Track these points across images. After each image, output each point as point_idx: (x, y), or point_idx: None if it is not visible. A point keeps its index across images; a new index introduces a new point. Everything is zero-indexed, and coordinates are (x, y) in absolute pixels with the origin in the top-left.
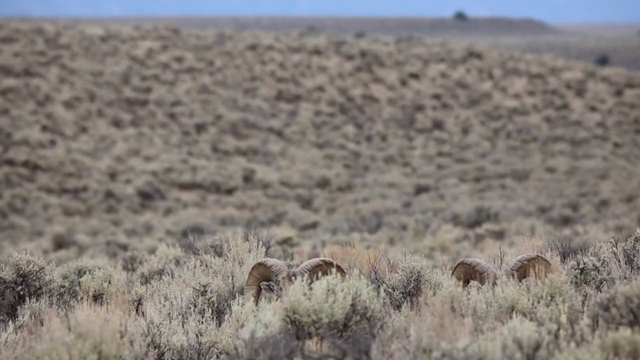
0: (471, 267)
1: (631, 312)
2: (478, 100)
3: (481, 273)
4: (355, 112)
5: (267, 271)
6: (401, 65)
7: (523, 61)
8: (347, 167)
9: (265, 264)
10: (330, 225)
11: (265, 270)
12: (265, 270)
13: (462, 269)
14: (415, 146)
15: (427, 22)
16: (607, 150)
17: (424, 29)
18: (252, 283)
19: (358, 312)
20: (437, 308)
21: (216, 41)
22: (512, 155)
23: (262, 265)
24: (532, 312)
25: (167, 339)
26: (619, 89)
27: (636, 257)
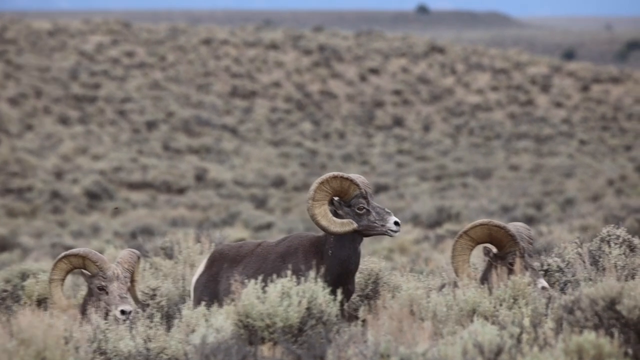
0: (508, 233)
1: (596, 315)
2: (440, 96)
3: (517, 242)
4: (312, 108)
5: (346, 185)
6: (360, 60)
7: (487, 56)
8: (304, 165)
9: (344, 177)
10: (285, 226)
11: (342, 184)
12: (342, 184)
13: (485, 231)
14: (375, 144)
15: (388, 15)
16: (573, 148)
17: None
18: (321, 198)
19: (314, 316)
20: (395, 311)
21: (168, 35)
22: (474, 153)
23: (338, 179)
24: (494, 316)
25: (114, 345)
26: (585, 84)
27: (602, 258)
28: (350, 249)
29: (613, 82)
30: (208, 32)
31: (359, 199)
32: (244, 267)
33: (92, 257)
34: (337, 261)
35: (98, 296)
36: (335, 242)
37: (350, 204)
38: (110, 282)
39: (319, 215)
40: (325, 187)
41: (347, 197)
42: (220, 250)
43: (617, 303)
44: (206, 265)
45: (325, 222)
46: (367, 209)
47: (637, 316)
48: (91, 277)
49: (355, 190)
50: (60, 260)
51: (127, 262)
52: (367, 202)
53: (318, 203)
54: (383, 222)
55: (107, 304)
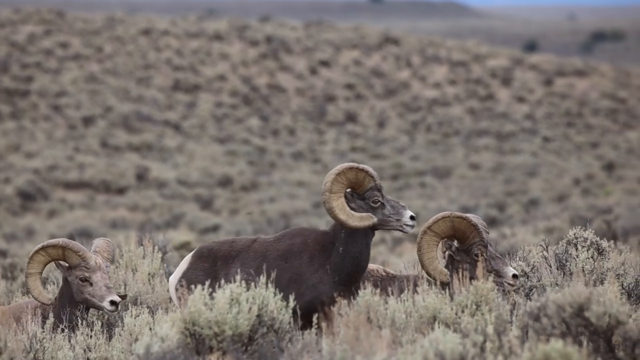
0: (468, 222)
1: (563, 322)
2: (395, 90)
3: (477, 228)
4: (260, 103)
5: (361, 177)
6: (310, 52)
7: (444, 47)
8: (252, 164)
9: (360, 168)
10: (232, 228)
11: (357, 175)
12: (357, 175)
13: (448, 224)
14: (327, 141)
15: (339, 4)
16: (536, 145)
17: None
18: (337, 190)
19: (265, 324)
20: (351, 319)
21: (105, 25)
22: (432, 151)
23: (354, 170)
24: (455, 323)
25: (52, 355)
26: (548, 77)
27: (569, 262)
28: (362, 245)
29: (578, 75)
30: (148, 22)
31: (373, 191)
32: (242, 264)
33: (73, 247)
34: (349, 258)
35: (80, 288)
36: (347, 238)
37: (365, 196)
38: (94, 272)
39: (337, 208)
40: (341, 178)
41: (361, 190)
42: (209, 247)
43: (586, 309)
44: (191, 263)
45: (343, 215)
46: (382, 202)
47: (607, 323)
48: (70, 268)
49: (370, 182)
50: (37, 252)
51: (105, 251)
52: (381, 195)
53: (335, 195)
54: (398, 216)
55: (92, 296)
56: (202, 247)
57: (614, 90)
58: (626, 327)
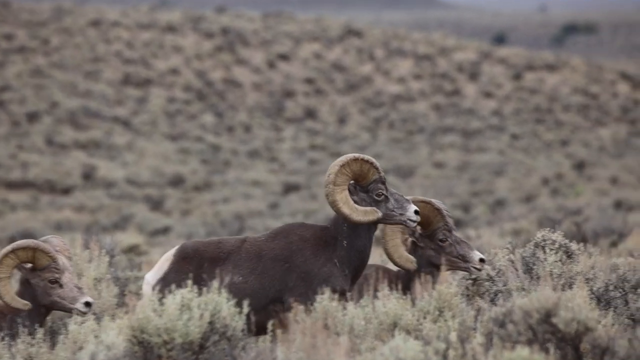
0: (432, 205)
1: (530, 329)
2: (357, 85)
3: (442, 212)
4: (214, 98)
5: (366, 169)
6: (268, 45)
7: (409, 40)
8: (205, 162)
9: (365, 159)
10: (184, 230)
11: (362, 167)
12: (362, 167)
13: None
14: (284, 138)
15: None
16: (504, 143)
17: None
18: (341, 183)
19: (217, 331)
20: (308, 325)
21: (52, 16)
22: (395, 149)
23: (359, 161)
24: (417, 330)
25: None
26: (517, 72)
27: (536, 265)
28: (366, 239)
29: (548, 69)
30: (97, 13)
31: (377, 184)
32: (234, 266)
33: (44, 248)
34: (355, 252)
35: (49, 291)
36: (350, 232)
37: (368, 189)
38: (63, 273)
39: (341, 201)
40: (345, 169)
41: (364, 182)
42: (193, 247)
43: (553, 315)
44: (173, 263)
45: (347, 209)
46: (386, 195)
47: (575, 330)
48: (34, 271)
49: (374, 175)
50: (6, 255)
51: (66, 250)
52: (385, 188)
53: (339, 188)
54: (402, 210)
55: (62, 298)
56: (186, 247)
57: (586, 85)
58: (595, 333)
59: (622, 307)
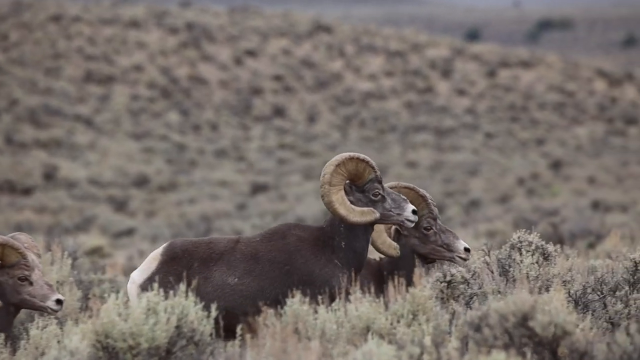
0: (414, 191)
1: (506, 333)
2: (326, 82)
3: (426, 200)
4: (180, 96)
5: (361, 168)
6: (235, 41)
7: (380, 36)
8: (170, 162)
9: (360, 158)
10: (149, 231)
11: (358, 166)
12: (358, 166)
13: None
14: (252, 137)
15: None
16: (478, 142)
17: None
18: (337, 183)
19: (184, 336)
20: (278, 330)
21: (11, 10)
22: (366, 148)
23: (354, 161)
24: (390, 334)
25: None
26: (491, 69)
27: (512, 267)
28: (364, 240)
29: (523, 66)
30: (57, 7)
31: (374, 183)
32: (228, 267)
33: (13, 244)
34: (353, 254)
35: (18, 289)
36: (347, 233)
37: (364, 189)
38: (32, 270)
39: (337, 202)
40: (341, 169)
41: (360, 182)
42: (183, 247)
43: (530, 319)
44: (161, 263)
45: (343, 210)
46: (383, 195)
47: (552, 334)
48: (3, 268)
49: (370, 174)
50: None
51: (34, 247)
52: (382, 188)
53: (335, 188)
54: (400, 210)
55: (32, 296)
56: (174, 246)
57: (562, 82)
58: (573, 337)
59: (601, 310)
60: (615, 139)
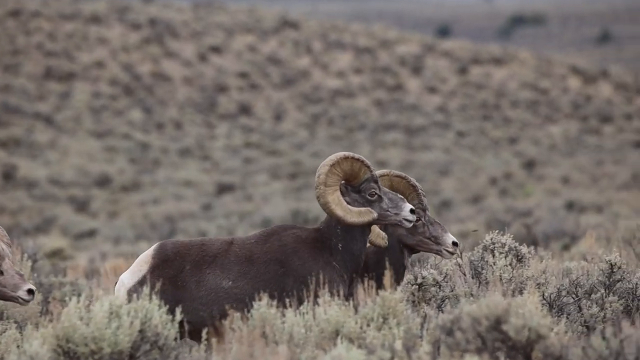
0: (406, 180)
1: (479, 337)
2: (293, 79)
3: (417, 190)
4: (142, 93)
5: (357, 167)
6: (199, 37)
7: (348, 32)
8: (133, 161)
9: (355, 157)
10: (112, 233)
11: (353, 166)
12: (353, 166)
13: (386, 182)
14: (217, 136)
15: None
16: (449, 141)
17: None
18: (333, 183)
19: (148, 340)
20: (245, 334)
21: None
22: (334, 147)
23: (349, 160)
24: (360, 338)
25: None
26: (463, 66)
27: (485, 269)
28: (361, 242)
29: (495, 63)
30: (16, 2)
31: (370, 183)
32: (222, 270)
33: None
34: (350, 256)
35: None
36: (344, 234)
37: (360, 189)
38: (3, 260)
39: (333, 203)
40: (336, 169)
41: (356, 182)
42: (174, 249)
43: (503, 322)
44: (152, 266)
45: (340, 211)
46: (379, 194)
47: (526, 338)
48: None
49: (366, 174)
50: None
51: (4, 237)
52: (378, 187)
53: (330, 189)
54: (397, 210)
55: (3, 286)
56: (166, 248)
57: (535, 80)
58: (547, 341)
59: (576, 313)
60: (590, 137)
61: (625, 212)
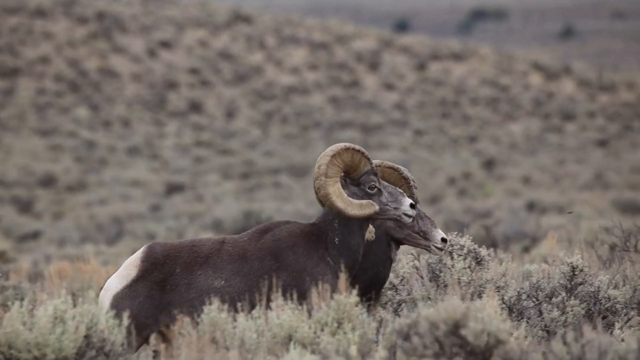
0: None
1: (436, 342)
2: (246, 75)
3: (409, 182)
4: (89, 90)
5: (357, 159)
6: (149, 31)
7: (303, 27)
8: (79, 160)
9: (356, 149)
10: (56, 234)
11: (353, 157)
12: (353, 157)
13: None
14: (167, 134)
15: None
16: (407, 139)
17: None
18: (333, 174)
19: (94, 346)
20: (194, 339)
21: None
22: (288, 145)
23: (350, 151)
24: (314, 343)
25: None
26: (421, 62)
27: (443, 272)
28: (359, 236)
29: (454, 59)
30: None
31: (369, 175)
32: (215, 270)
33: None
34: (347, 251)
35: None
36: (342, 229)
37: (360, 181)
38: None
39: (334, 194)
40: (337, 160)
41: (356, 174)
42: (164, 252)
43: (462, 327)
44: (141, 269)
45: (341, 203)
46: (379, 188)
47: (485, 342)
48: None
49: (366, 166)
50: None
51: None
52: (378, 180)
53: (331, 180)
54: (397, 204)
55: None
56: (155, 251)
57: (495, 76)
58: (507, 346)
59: (536, 317)
60: (552, 135)
61: (587, 213)
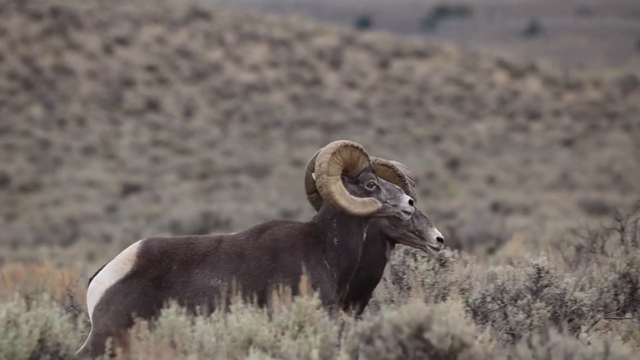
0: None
1: (400, 345)
2: (205, 73)
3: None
4: (43, 88)
5: (356, 156)
6: (104, 28)
7: (262, 23)
8: (33, 160)
9: (355, 145)
10: (9, 236)
11: (352, 154)
12: (352, 154)
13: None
14: (123, 133)
15: None
16: (369, 138)
17: None
18: (335, 172)
19: (48, 350)
20: (152, 343)
21: None
22: (248, 145)
23: (349, 148)
24: (275, 347)
25: None
26: (384, 59)
27: (406, 274)
28: (358, 236)
29: (418, 56)
30: None
31: (368, 172)
32: (212, 269)
33: None
34: (346, 252)
35: None
36: (341, 228)
37: (358, 179)
38: None
39: (337, 193)
40: (337, 157)
41: (354, 171)
42: (160, 248)
43: (425, 330)
44: (136, 265)
45: (344, 201)
46: (378, 185)
47: (449, 346)
48: None
49: (364, 163)
50: None
51: None
52: (376, 178)
53: (333, 178)
54: (395, 201)
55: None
56: (151, 246)
57: (460, 74)
58: (471, 350)
59: (501, 320)
60: (517, 135)
61: (553, 213)
